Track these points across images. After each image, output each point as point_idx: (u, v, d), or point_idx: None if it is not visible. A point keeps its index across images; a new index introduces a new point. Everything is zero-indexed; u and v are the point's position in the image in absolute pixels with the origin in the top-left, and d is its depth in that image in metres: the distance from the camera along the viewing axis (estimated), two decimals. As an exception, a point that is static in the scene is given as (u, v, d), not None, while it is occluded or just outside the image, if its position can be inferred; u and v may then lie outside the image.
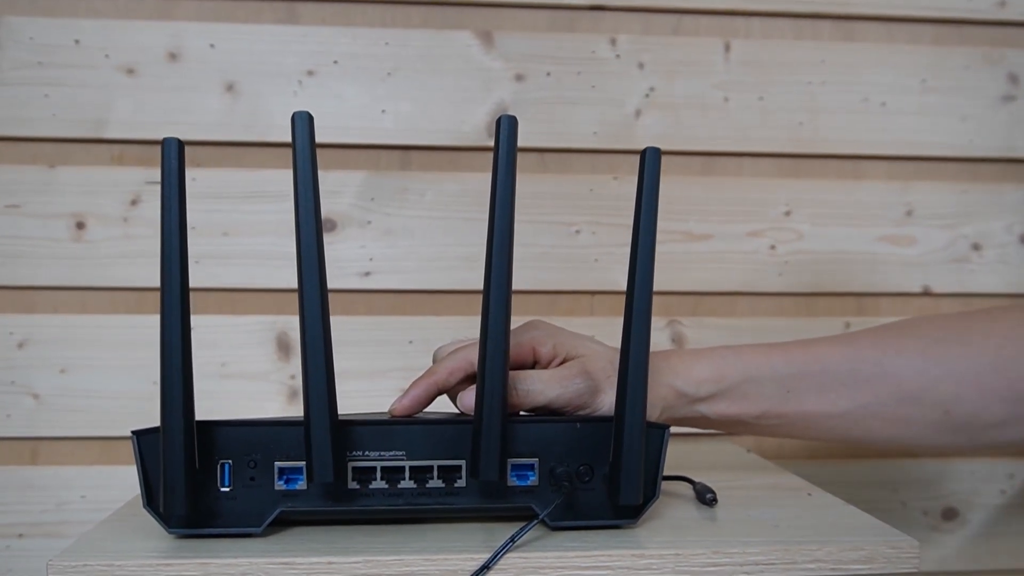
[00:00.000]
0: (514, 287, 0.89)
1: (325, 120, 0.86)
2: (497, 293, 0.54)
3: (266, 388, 0.85)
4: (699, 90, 0.89)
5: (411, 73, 0.86)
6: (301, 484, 0.54)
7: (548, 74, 0.87)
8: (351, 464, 0.54)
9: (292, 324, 0.86)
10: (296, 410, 0.87)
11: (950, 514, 0.92)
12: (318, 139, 0.87)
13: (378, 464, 0.54)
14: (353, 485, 0.54)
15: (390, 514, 0.55)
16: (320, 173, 0.87)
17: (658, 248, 0.89)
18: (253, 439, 0.54)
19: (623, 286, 0.90)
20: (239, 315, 0.85)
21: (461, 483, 0.55)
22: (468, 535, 0.54)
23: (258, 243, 0.85)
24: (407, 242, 0.86)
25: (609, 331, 0.88)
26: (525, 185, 0.87)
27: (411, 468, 0.54)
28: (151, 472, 0.52)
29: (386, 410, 0.60)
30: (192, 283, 0.86)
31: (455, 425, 0.55)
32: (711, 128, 0.89)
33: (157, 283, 0.49)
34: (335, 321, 0.88)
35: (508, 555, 0.50)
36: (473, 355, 0.57)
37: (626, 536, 0.54)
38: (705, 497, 0.61)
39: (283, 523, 0.55)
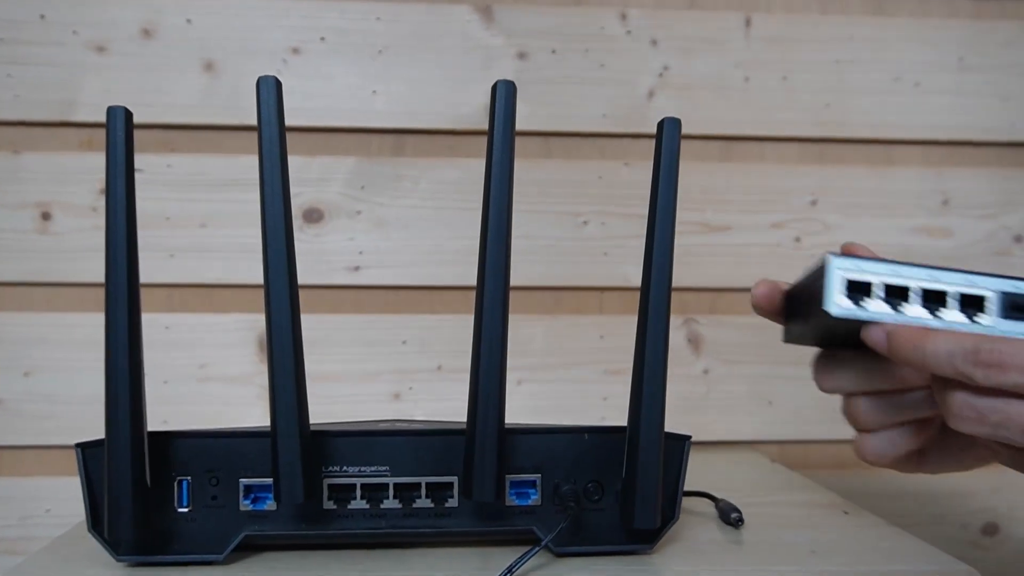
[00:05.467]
0: (516, 283, 0.82)
1: (311, 102, 0.79)
2: (493, 283, 0.47)
3: (248, 392, 0.79)
4: (717, 69, 0.82)
5: (405, 51, 0.80)
6: (270, 504, 0.48)
7: (553, 52, 0.81)
8: (327, 481, 0.48)
9: (275, 323, 0.79)
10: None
11: (991, 529, 0.85)
12: (303, 122, 0.81)
13: (358, 481, 0.48)
14: (329, 505, 0.48)
15: (372, 538, 0.49)
16: (306, 160, 0.81)
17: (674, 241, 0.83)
18: (215, 452, 0.48)
19: (635, 281, 0.83)
20: (219, 313, 0.79)
21: (453, 503, 0.49)
22: (461, 562, 0.48)
23: (239, 235, 0.79)
24: (400, 234, 0.80)
25: (619, 330, 0.81)
26: (528, 172, 0.80)
27: (396, 485, 0.49)
28: (97, 491, 0.46)
29: (380, 417, 0.54)
30: (168, 279, 0.80)
31: (445, 436, 0.49)
32: (730, 110, 0.82)
33: None
34: (321, 320, 0.82)
35: (505, 590, 0.43)
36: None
37: (641, 564, 0.48)
38: (730, 517, 0.55)
39: (249, 548, 0.49)
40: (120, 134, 0.44)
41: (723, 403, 0.82)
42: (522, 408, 0.80)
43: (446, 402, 0.79)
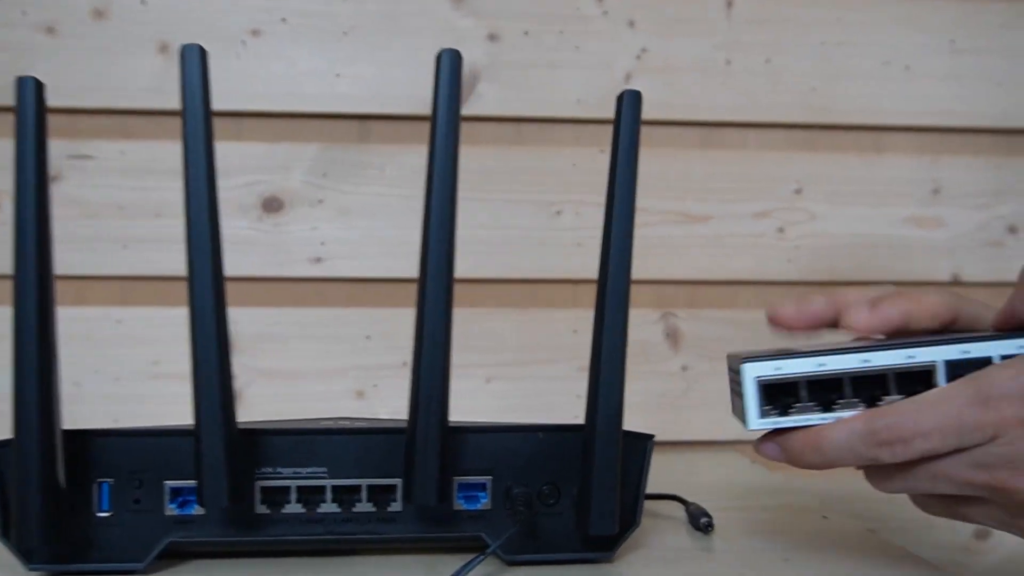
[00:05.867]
0: (485, 275, 0.79)
1: (272, 86, 0.76)
2: (435, 272, 0.44)
3: (204, 390, 0.75)
4: (698, 52, 0.78)
5: (370, 32, 0.76)
6: (198, 508, 0.44)
7: (526, 33, 0.77)
8: (260, 483, 0.45)
9: (233, 317, 0.75)
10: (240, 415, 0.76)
11: (982, 533, 0.81)
12: (264, 107, 0.78)
13: (293, 483, 0.45)
14: (262, 509, 0.45)
15: (308, 545, 0.45)
16: (266, 146, 0.78)
17: (651, 232, 0.79)
18: (139, 452, 0.44)
19: (611, 274, 0.80)
20: (173, 307, 0.75)
21: (396, 507, 0.46)
22: (404, 570, 0.44)
23: (195, 225, 0.75)
24: (365, 223, 0.76)
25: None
26: (499, 159, 0.77)
27: (334, 488, 0.45)
28: (9, 495, 0.42)
29: (352, 415, 0.51)
30: (121, 271, 0.77)
31: (388, 436, 0.45)
32: (711, 95, 0.78)
33: (75, 270, 0.40)
34: (281, 314, 0.79)
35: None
36: (963, 309, 0.41)
37: (599, 574, 0.44)
38: (699, 522, 0.51)
39: (176, 556, 0.45)
40: (30, 108, 0.41)
41: (703, 401, 0.78)
42: (491, 408, 0.76)
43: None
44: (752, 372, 0.37)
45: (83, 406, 0.74)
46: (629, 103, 0.45)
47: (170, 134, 0.76)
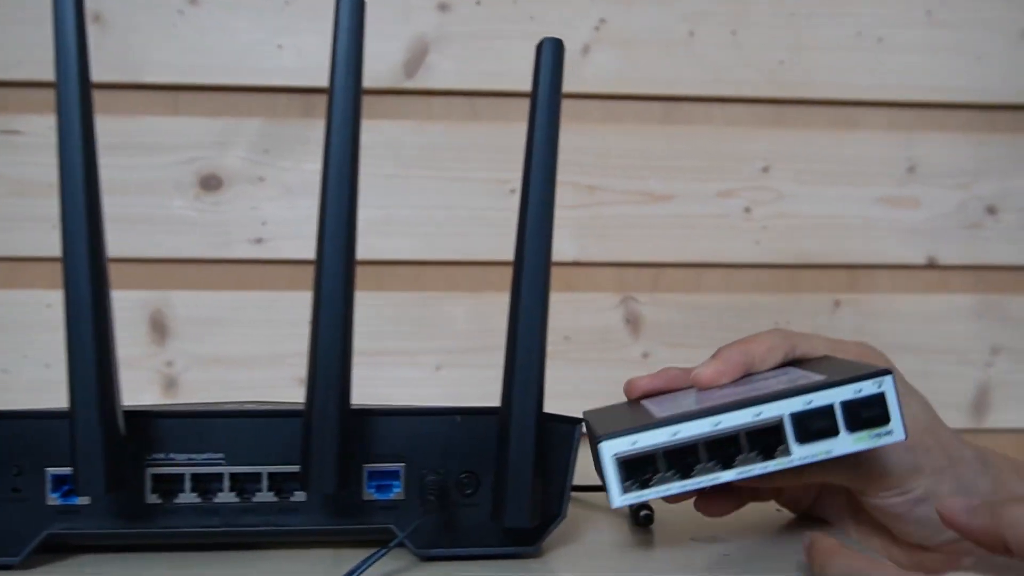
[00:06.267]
0: (436, 257, 0.75)
1: (210, 58, 0.72)
2: (333, 245, 0.40)
3: (137, 377, 0.72)
4: (660, 22, 0.74)
5: (314, 1, 0.73)
6: (84, 498, 0.40)
7: (478, 3, 0.73)
8: (150, 470, 0.41)
9: (169, 300, 0.72)
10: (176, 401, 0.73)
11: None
12: (202, 80, 0.74)
13: (187, 471, 0.42)
14: (153, 498, 0.41)
15: (204, 537, 0.42)
16: (204, 121, 0.74)
17: (610, 212, 0.76)
18: (18, 436, 0.41)
19: (568, 255, 0.76)
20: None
21: (300, 496, 0.42)
22: (308, 565, 0.41)
23: (131, 203, 0.72)
24: (308, 202, 0.72)
25: (552, 309, 0.74)
26: (450, 135, 0.73)
27: (232, 476, 0.42)
28: None
29: (283, 399, 0.47)
30: (52, 252, 0.73)
31: (290, 419, 0.41)
32: (674, 68, 0.74)
33: (3, 251, 0.37)
34: (220, 298, 0.75)
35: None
36: (797, 340, 0.44)
37: (519, 569, 0.40)
38: (639, 515, 0.47)
39: (58, 550, 0.41)
40: None
41: (665, 390, 0.74)
42: (439, 397, 0.72)
43: (358, 388, 0.72)
44: (610, 450, 0.37)
45: (11, 394, 0.70)
46: (549, 52, 0.41)
47: (103, 108, 0.71)
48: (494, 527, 0.41)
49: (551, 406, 0.42)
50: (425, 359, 0.73)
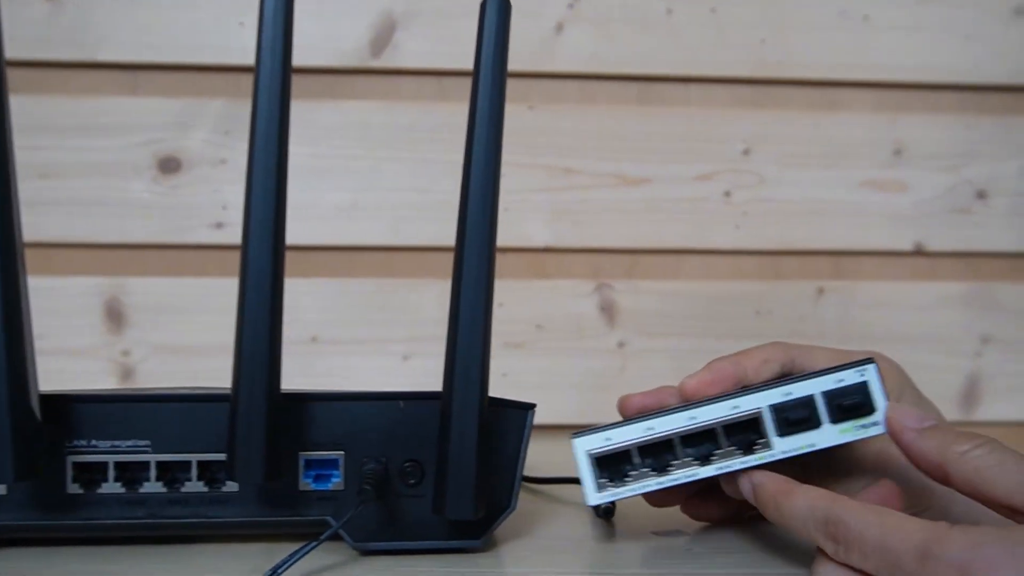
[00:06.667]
0: (403, 243, 0.72)
1: (170, 36, 0.69)
2: (259, 222, 0.37)
3: (94, 366, 0.69)
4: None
5: (277, -22, 0.70)
6: (1, 488, 0.38)
7: (447, -21, 0.71)
8: (71, 458, 0.39)
9: (125, 287, 0.70)
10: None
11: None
12: (160, 59, 0.71)
13: (111, 459, 0.39)
14: (74, 488, 0.39)
15: (129, 530, 0.39)
16: (163, 101, 0.71)
17: (584, 196, 0.73)
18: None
19: (539, 241, 0.73)
20: (59, 276, 0.69)
21: (232, 486, 0.39)
22: (238, 560, 0.38)
23: (86, 186, 0.69)
24: (270, 186, 0.70)
25: (521, 297, 0.72)
26: (417, 116, 0.71)
27: (159, 464, 0.39)
28: None
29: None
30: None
31: (222, 404, 0.39)
32: (651, 47, 0.72)
33: None
34: (180, 284, 0.72)
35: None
36: (795, 352, 0.42)
37: (461, 565, 0.38)
38: (599, 508, 0.45)
39: (-29, 543, 0.39)
40: None
41: (641, 380, 0.71)
42: (408, 387, 0.69)
43: (322, 378, 0.70)
44: (583, 447, 0.37)
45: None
46: (494, 13, 0.38)
47: (58, 88, 0.69)
48: (440, 519, 0.39)
49: (521, 396, 0.40)
50: (392, 348, 0.71)
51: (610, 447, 0.37)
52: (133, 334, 0.70)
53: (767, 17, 0.72)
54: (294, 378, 0.70)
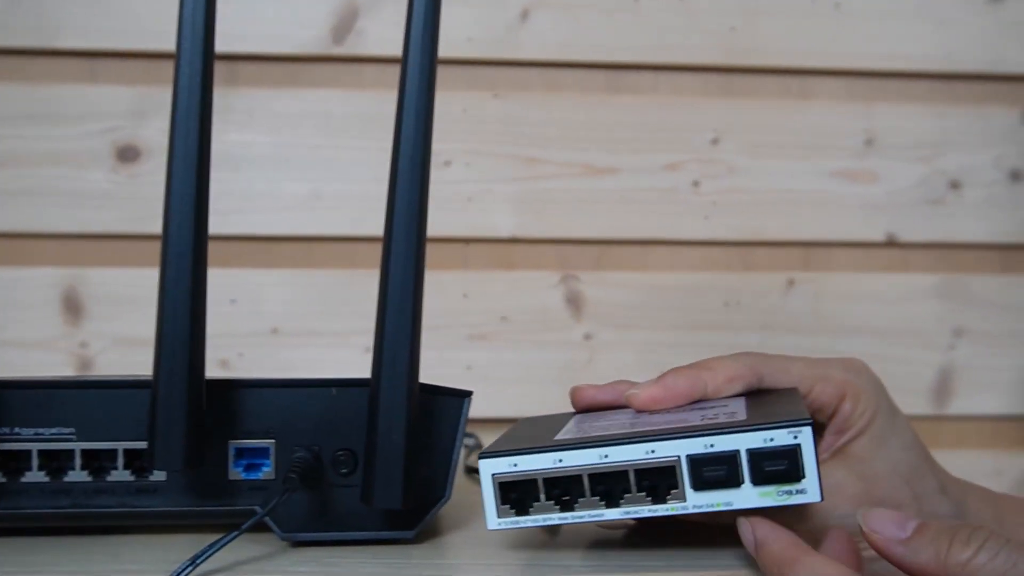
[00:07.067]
0: (366, 233, 0.71)
1: (127, 22, 0.68)
2: (180, 199, 0.36)
3: (50, 358, 0.68)
4: (604, -14, 0.71)
5: (238, -37, 0.69)
6: (-88, 475, 0.37)
7: (411, -35, 0.70)
8: (-8, 447, 0.37)
9: (83, 278, 0.69)
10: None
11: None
12: (117, 46, 0.70)
13: (34, 447, 0.38)
14: (-4, 477, 0.37)
15: (53, 520, 0.38)
16: (122, 89, 0.70)
17: (550, 185, 0.72)
18: None
19: (505, 231, 0.72)
20: (15, 266, 0.68)
21: (160, 476, 0.38)
22: (163, 551, 0.38)
23: (41, 175, 0.68)
24: (230, 175, 0.69)
25: (487, 288, 0.71)
26: (379, 104, 0.70)
27: (84, 452, 0.38)
28: None
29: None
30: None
31: (148, 390, 0.37)
32: (619, 34, 0.71)
33: None
34: (139, 276, 0.70)
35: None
36: (765, 368, 0.39)
37: (389, 556, 0.37)
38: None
39: None
40: None
41: (608, 373, 0.69)
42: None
43: (283, 371, 0.68)
44: (489, 469, 0.35)
45: None
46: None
47: (17, 74, 0.68)
48: (373, 510, 0.38)
49: (486, 389, 0.39)
50: (354, 340, 0.70)
51: (515, 474, 0.35)
52: (91, 325, 0.68)
53: (737, 3, 0.71)
54: (253, 370, 0.69)
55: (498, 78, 0.71)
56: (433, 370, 0.69)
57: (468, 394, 0.39)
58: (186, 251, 0.35)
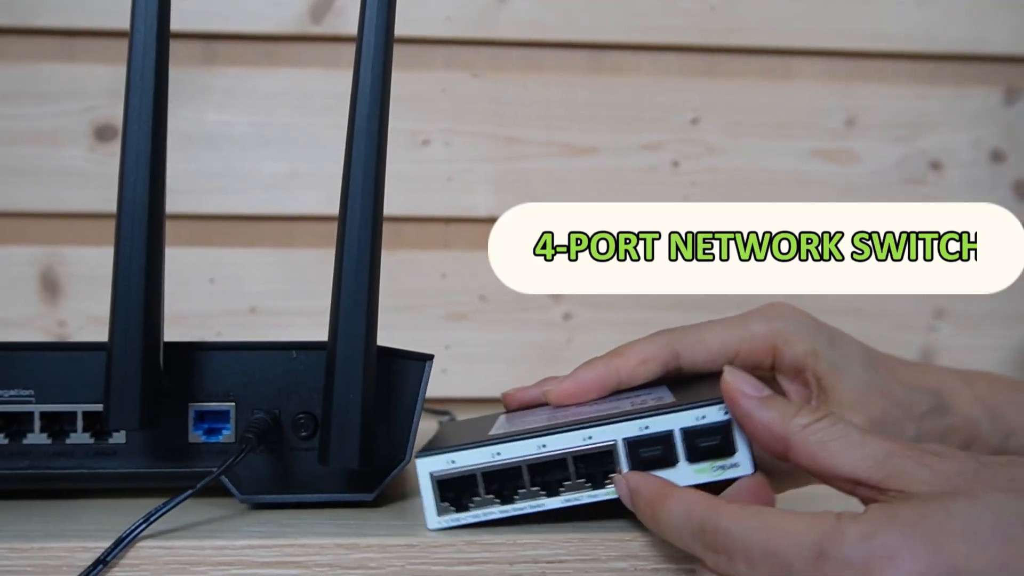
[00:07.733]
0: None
1: (104, 2, 0.68)
2: (135, 152, 0.36)
3: (27, 337, 0.68)
4: (583, -35, 0.71)
5: (217, -58, 0.69)
6: None
7: (390, -56, 0.69)
8: (-49, 409, 0.37)
9: (61, 257, 0.69)
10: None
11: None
12: (96, 24, 0.70)
13: (-8, 410, 0.37)
14: (-45, 440, 0.37)
15: (11, 483, 0.38)
16: (100, 68, 0.70)
17: (530, 165, 0.72)
18: None
19: (485, 210, 0.72)
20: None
21: (119, 438, 0.38)
22: (121, 513, 0.37)
23: (19, 154, 0.68)
24: (208, 155, 0.69)
25: (466, 268, 0.70)
26: (358, 83, 0.69)
27: (43, 415, 0.38)
28: None
29: None
30: None
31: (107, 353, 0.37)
32: (599, 14, 0.71)
33: None
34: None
35: (151, 546, 0.33)
36: (681, 344, 0.38)
37: (352, 519, 0.36)
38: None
39: None
40: None
41: (587, 353, 0.69)
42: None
43: (261, 350, 0.68)
44: (426, 467, 0.35)
45: None
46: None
47: (-6, 54, 0.68)
48: (333, 473, 0.38)
49: (464, 368, 0.38)
50: (332, 320, 0.69)
51: (453, 471, 0.34)
52: (69, 304, 0.68)
53: (717, -16, 0.71)
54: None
55: (477, 57, 0.71)
56: (411, 349, 0.69)
57: (429, 357, 0.39)
58: (140, 210, 0.35)
